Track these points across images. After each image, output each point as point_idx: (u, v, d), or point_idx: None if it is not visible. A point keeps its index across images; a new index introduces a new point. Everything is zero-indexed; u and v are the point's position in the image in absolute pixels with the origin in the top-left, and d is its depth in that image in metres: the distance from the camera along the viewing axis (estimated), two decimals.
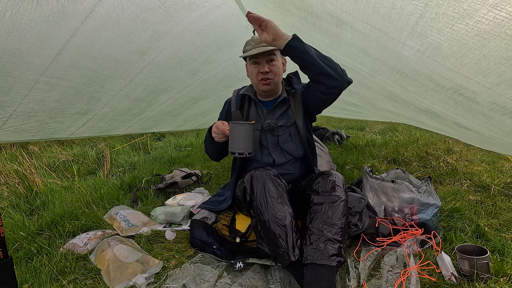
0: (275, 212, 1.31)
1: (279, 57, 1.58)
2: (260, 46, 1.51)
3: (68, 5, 1.15)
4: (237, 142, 1.46)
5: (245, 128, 1.45)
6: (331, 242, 1.23)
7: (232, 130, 1.46)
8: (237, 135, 1.45)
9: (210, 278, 1.37)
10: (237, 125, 1.45)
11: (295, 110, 1.64)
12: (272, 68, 1.55)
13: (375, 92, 2.13)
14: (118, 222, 1.89)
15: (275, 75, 1.57)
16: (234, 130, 1.46)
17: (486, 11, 0.81)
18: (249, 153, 1.48)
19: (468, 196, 2.12)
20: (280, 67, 1.59)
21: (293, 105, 1.65)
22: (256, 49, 1.51)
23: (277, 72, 1.57)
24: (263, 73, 1.55)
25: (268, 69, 1.54)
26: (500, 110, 1.20)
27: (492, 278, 1.27)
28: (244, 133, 1.45)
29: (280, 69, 1.59)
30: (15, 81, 1.37)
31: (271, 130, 1.65)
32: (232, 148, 1.47)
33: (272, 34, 1.30)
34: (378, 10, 1.09)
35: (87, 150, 3.99)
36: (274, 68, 1.56)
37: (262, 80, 1.57)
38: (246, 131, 1.45)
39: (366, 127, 5.39)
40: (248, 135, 1.45)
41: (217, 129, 1.53)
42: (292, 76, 1.72)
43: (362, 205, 1.75)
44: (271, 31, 1.30)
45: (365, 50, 1.52)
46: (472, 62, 1.03)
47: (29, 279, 1.40)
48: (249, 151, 1.48)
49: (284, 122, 1.65)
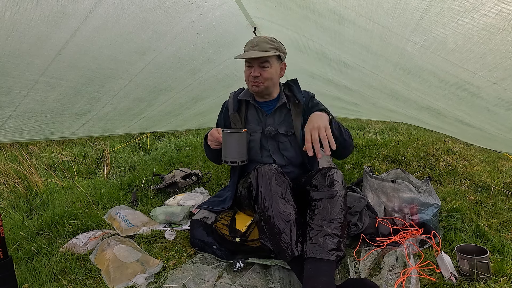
0: (280, 208, 1.31)
1: (274, 63, 1.58)
2: (255, 50, 1.52)
3: (68, 5, 1.15)
4: (229, 151, 1.47)
5: (236, 137, 1.45)
6: (330, 237, 1.24)
7: (224, 139, 1.46)
8: (230, 144, 1.46)
9: (210, 278, 1.37)
10: (228, 135, 1.46)
11: (295, 121, 1.66)
12: (263, 73, 1.56)
13: (376, 90, 2.13)
14: (118, 222, 1.89)
15: (265, 79, 1.57)
16: (225, 139, 1.46)
17: (492, 4, 0.81)
18: (241, 161, 1.49)
19: (468, 196, 2.12)
20: (273, 73, 1.59)
21: (294, 114, 1.66)
22: (250, 52, 1.52)
23: (267, 77, 1.57)
24: (253, 77, 1.56)
25: (258, 73, 1.55)
26: (504, 105, 1.19)
27: (492, 278, 1.27)
28: (235, 142, 1.45)
29: (273, 75, 1.59)
30: (15, 81, 1.37)
31: (273, 137, 1.66)
32: (224, 156, 1.48)
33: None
34: (382, 5, 1.08)
35: (87, 150, 3.99)
36: (265, 73, 1.56)
37: (251, 82, 1.59)
38: (238, 140, 1.45)
39: (366, 127, 5.39)
40: (239, 143, 1.45)
41: (212, 136, 1.57)
42: (291, 84, 1.73)
43: (362, 205, 1.75)
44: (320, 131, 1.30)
45: (368, 47, 1.51)
46: (477, 56, 1.03)
47: (29, 279, 1.39)
48: (242, 159, 1.49)
49: (284, 130, 1.66)
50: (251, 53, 1.51)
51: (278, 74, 1.63)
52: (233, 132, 1.47)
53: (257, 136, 1.68)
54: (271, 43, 1.54)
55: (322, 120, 1.32)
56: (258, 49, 1.51)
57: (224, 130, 1.48)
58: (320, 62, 2.18)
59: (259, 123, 1.69)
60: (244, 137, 1.48)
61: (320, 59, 2.12)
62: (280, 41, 1.61)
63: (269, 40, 1.54)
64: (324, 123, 1.30)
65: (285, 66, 1.67)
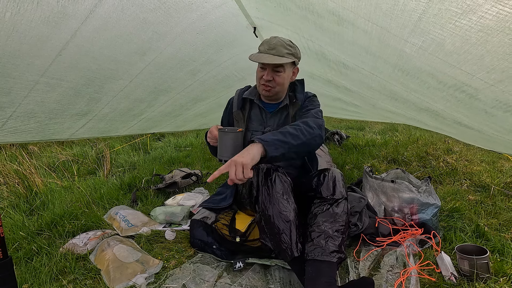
0: (280, 208, 1.32)
1: (288, 68, 1.55)
2: (271, 54, 1.48)
3: (68, 5, 1.15)
4: (224, 150, 1.47)
5: (231, 136, 1.45)
6: (331, 239, 1.24)
7: (220, 137, 1.47)
8: (225, 142, 1.46)
9: (210, 278, 1.37)
10: (223, 133, 1.46)
11: (293, 121, 1.64)
12: (276, 78, 1.53)
13: (375, 91, 2.13)
14: (118, 222, 1.89)
15: (277, 84, 1.55)
16: (221, 137, 1.46)
17: (489, 6, 0.81)
18: None
19: (468, 196, 2.12)
20: (285, 78, 1.56)
21: (292, 114, 1.65)
22: (266, 56, 1.48)
23: (280, 82, 1.55)
24: (266, 80, 1.54)
25: (271, 77, 1.53)
26: (502, 107, 1.19)
27: (492, 278, 1.27)
28: (230, 141, 1.45)
29: (284, 80, 1.57)
30: (15, 82, 1.37)
31: None
32: (220, 155, 1.48)
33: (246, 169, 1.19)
34: (381, 7, 1.08)
35: (87, 150, 3.99)
36: (278, 78, 1.53)
37: (263, 85, 1.57)
38: (233, 139, 1.45)
39: (366, 127, 5.39)
40: (234, 142, 1.45)
41: (211, 134, 1.58)
42: (297, 83, 1.71)
43: (362, 205, 1.75)
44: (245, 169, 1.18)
45: (367, 48, 1.52)
46: (475, 58, 1.03)
47: (29, 279, 1.40)
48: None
49: None
50: (267, 57, 1.47)
51: (289, 78, 1.61)
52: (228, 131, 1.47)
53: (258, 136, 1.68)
54: (288, 48, 1.50)
55: (244, 154, 1.21)
56: (274, 53, 1.47)
57: (220, 128, 1.48)
58: (320, 62, 2.19)
59: (261, 123, 1.69)
60: (239, 137, 1.48)
61: (320, 59, 2.12)
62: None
63: (286, 45, 1.50)
64: (242, 158, 1.18)
65: (298, 71, 1.64)
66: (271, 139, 1.28)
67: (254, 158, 1.21)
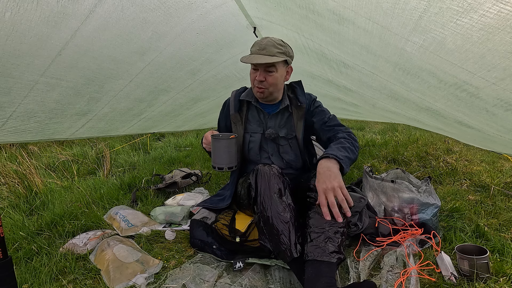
0: (279, 209, 1.31)
1: (280, 67, 1.54)
2: (262, 54, 1.48)
3: (68, 5, 1.15)
4: (217, 157, 1.47)
5: (223, 143, 1.45)
6: (331, 240, 1.24)
7: (213, 144, 1.46)
8: (218, 149, 1.46)
9: (210, 278, 1.37)
10: (216, 141, 1.45)
11: (296, 124, 1.64)
12: (269, 78, 1.53)
13: (376, 90, 2.13)
14: (118, 222, 1.89)
15: (270, 85, 1.54)
16: (214, 145, 1.46)
17: (491, 4, 0.81)
18: (229, 168, 1.48)
19: (468, 196, 2.12)
20: (278, 78, 1.55)
21: (295, 117, 1.64)
22: (256, 56, 1.48)
23: (273, 83, 1.54)
24: (258, 81, 1.53)
25: (263, 78, 1.52)
26: (503, 105, 1.19)
27: (492, 278, 1.27)
28: (223, 148, 1.45)
29: (278, 80, 1.56)
30: (15, 82, 1.37)
31: (273, 139, 1.66)
32: (213, 162, 1.49)
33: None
34: (381, 5, 1.08)
35: (87, 150, 3.99)
36: (270, 78, 1.53)
37: (257, 87, 1.56)
38: (225, 146, 1.45)
39: (366, 127, 5.39)
40: (228, 149, 1.45)
41: (206, 140, 1.59)
42: (295, 86, 1.70)
43: (362, 205, 1.75)
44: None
45: (367, 47, 1.51)
46: (476, 56, 1.03)
47: (29, 279, 1.39)
48: (230, 165, 1.48)
49: (285, 133, 1.65)
50: (257, 57, 1.47)
51: (283, 78, 1.60)
52: (220, 138, 1.46)
53: (257, 137, 1.67)
54: (279, 47, 1.50)
55: (334, 177, 1.22)
56: (265, 53, 1.47)
57: (213, 135, 1.47)
58: (320, 62, 2.18)
59: (260, 124, 1.68)
60: (233, 143, 1.46)
61: (320, 59, 2.12)
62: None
63: (277, 44, 1.50)
64: (337, 182, 1.21)
65: (291, 70, 1.63)
66: (343, 157, 1.33)
67: (339, 175, 1.25)
